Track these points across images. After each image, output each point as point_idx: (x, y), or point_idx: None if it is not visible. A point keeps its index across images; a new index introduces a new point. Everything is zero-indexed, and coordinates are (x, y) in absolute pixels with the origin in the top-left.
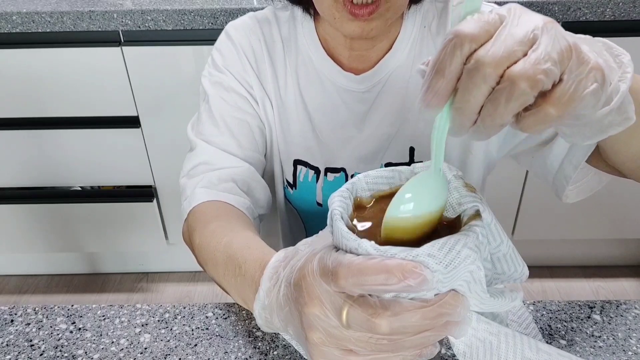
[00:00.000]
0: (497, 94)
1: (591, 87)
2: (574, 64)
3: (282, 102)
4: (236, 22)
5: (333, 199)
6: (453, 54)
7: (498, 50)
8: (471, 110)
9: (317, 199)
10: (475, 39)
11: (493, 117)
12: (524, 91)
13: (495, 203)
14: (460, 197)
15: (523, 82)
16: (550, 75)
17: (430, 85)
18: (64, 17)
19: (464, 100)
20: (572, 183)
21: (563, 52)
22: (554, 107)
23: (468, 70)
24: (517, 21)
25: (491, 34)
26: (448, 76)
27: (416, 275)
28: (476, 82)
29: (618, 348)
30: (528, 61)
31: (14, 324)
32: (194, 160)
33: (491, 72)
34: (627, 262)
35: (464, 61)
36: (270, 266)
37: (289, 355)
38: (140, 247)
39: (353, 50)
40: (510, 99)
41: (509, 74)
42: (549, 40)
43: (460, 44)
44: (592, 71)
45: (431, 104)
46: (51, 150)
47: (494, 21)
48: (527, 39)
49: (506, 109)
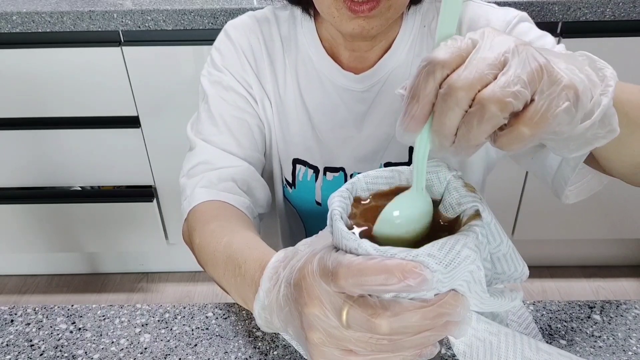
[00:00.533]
0: (470, 116)
1: (563, 105)
2: (545, 84)
3: (281, 101)
4: (235, 21)
5: (333, 199)
6: (427, 80)
7: (469, 75)
8: (448, 132)
9: (316, 198)
10: (447, 65)
11: (467, 139)
12: (494, 114)
13: (495, 203)
14: (459, 197)
15: (492, 105)
16: (519, 97)
17: (407, 110)
18: (64, 17)
19: (440, 123)
20: (572, 184)
21: (533, 73)
22: (527, 127)
23: (442, 95)
24: (490, 44)
25: (464, 59)
26: (422, 101)
27: (416, 275)
28: (450, 105)
29: (618, 348)
30: (497, 84)
31: (14, 324)
32: (193, 159)
33: (463, 95)
34: (627, 262)
35: (438, 86)
36: (270, 266)
37: (289, 355)
38: (140, 247)
39: (353, 50)
40: (481, 121)
41: (479, 97)
42: (519, 62)
43: (433, 70)
44: (564, 90)
45: (409, 128)
46: (51, 150)
47: (467, 46)
48: (497, 62)
49: (479, 130)
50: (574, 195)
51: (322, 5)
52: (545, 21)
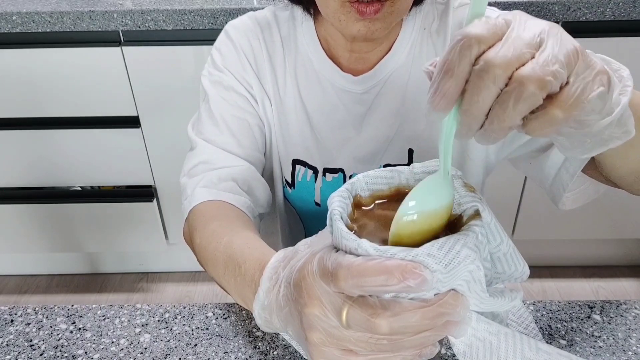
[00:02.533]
0: (506, 95)
1: (597, 90)
2: (581, 67)
3: (281, 101)
4: (235, 21)
5: (332, 199)
6: (462, 55)
7: (507, 52)
8: (479, 112)
9: (316, 199)
10: (484, 41)
11: (501, 120)
12: (532, 93)
13: (495, 203)
14: (459, 197)
15: (532, 84)
16: (558, 77)
17: (438, 87)
18: (64, 17)
19: (472, 102)
20: (569, 190)
21: (570, 54)
22: (561, 110)
23: (477, 71)
24: (524, 25)
25: (499, 37)
26: (457, 77)
27: (416, 276)
28: (485, 83)
29: (618, 348)
30: (536, 63)
31: (14, 324)
32: (194, 159)
33: (500, 73)
34: (627, 262)
35: (473, 62)
36: (270, 266)
37: (289, 355)
38: (140, 247)
39: (353, 51)
40: (518, 100)
41: (518, 75)
42: (556, 43)
43: (469, 45)
44: (598, 75)
45: (439, 107)
46: (51, 150)
47: (501, 25)
48: (534, 42)
49: (515, 110)
50: (570, 202)
51: (327, 9)
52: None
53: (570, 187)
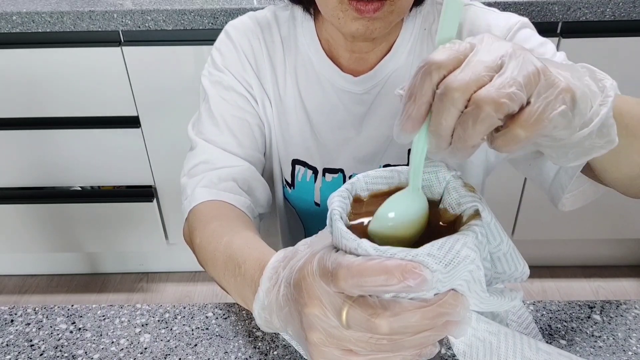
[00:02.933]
0: (465, 117)
1: (559, 108)
2: (542, 87)
3: (281, 101)
4: (235, 21)
5: (332, 199)
6: (423, 80)
7: (465, 76)
8: (444, 132)
9: (315, 199)
10: (444, 66)
11: (463, 139)
12: (488, 114)
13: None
14: (459, 197)
15: (487, 106)
16: (515, 99)
17: (404, 110)
18: (64, 17)
19: (437, 124)
20: (569, 192)
21: (530, 76)
22: (522, 129)
23: (439, 95)
24: (488, 48)
25: (461, 62)
26: (419, 101)
27: (416, 276)
28: (446, 105)
29: (618, 348)
30: (493, 85)
31: (14, 324)
32: (194, 159)
33: (459, 96)
34: (627, 262)
35: (435, 87)
36: (270, 266)
37: (289, 355)
38: (140, 247)
39: (353, 51)
40: (476, 121)
41: (475, 98)
42: (516, 65)
43: (430, 71)
44: (561, 93)
45: (406, 128)
46: (51, 150)
47: (465, 49)
48: (494, 65)
49: (474, 131)
50: (570, 203)
51: (326, 7)
52: (545, 21)
53: (569, 188)
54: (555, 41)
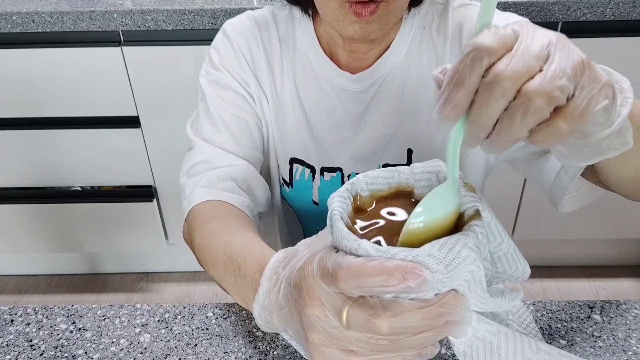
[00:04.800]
0: (514, 109)
1: (602, 103)
2: (587, 80)
3: (278, 100)
4: (233, 20)
5: (332, 199)
6: (473, 67)
7: (516, 66)
8: (487, 123)
9: (314, 198)
10: (494, 52)
11: (509, 132)
12: (540, 107)
13: (496, 203)
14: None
15: (540, 99)
16: (565, 91)
17: (448, 97)
18: (64, 17)
19: (480, 113)
20: (568, 193)
21: (577, 67)
22: (566, 122)
23: (486, 83)
24: (532, 37)
25: (508, 48)
26: (467, 88)
27: (416, 276)
28: (494, 95)
29: (618, 348)
30: (544, 77)
31: (14, 324)
32: (193, 159)
33: (509, 86)
34: (627, 262)
35: (483, 74)
36: (270, 267)
37: (289, 355)
38: (140, 247)
39: (351, 51)
40: (526, 114)
41: (526, 89)
42: (563, 55)
43: (480, 57)
44: (604, 87)
45: (449, 116)
46: (51, 150)
47: (510, 36)
48: (542, 54)
49: (522, 123)
50: (569, 204)
51: (326, 9)
52: (545, 21)
53: (569, 189)
54: None
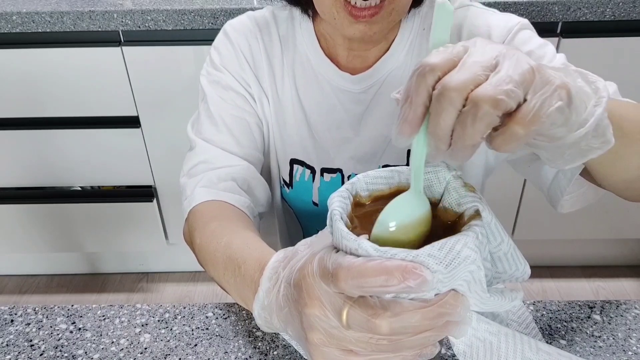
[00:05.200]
0: (463, 116)
1: (556, 104)
2: (538, 85)
3: (279, 101)
4: (234, 21)
5: (333, 199)
6: (418, 83)
7: (462, 75)
8: (443, 133)
9: (314, 198)
10: (439, 68)
11: (463, 139)
12: (487, 112)
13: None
14: (459, 197)
15: (485, 104)
16: (512, 96)
17: (401, 114)
18: (64, 17)
19: (435, 125)
20: (567, 194)
21: (525, 73)
22: (520, 126)
23: (436, 96)
24: (481, 50)
25: (455, 63)
26: (415, 104)
27: (416, 276)
28: (443, 106)
29: (618, 348)
30: (489, 83)
31: (14, 324)
32: (193, 159)
33: (456, 95)
34: (627, 262)
35: (431, 89)
36: (270, 266)
37: (289, 355)
38: (140, 247)
39: (351, 50)
40: (475, 119)
41: (472, 96)
42: (511, 64)
43: (424, 73)
44: (557, 90)
45: (403, 132)
46: (51, 150)
47: (458, 52)
48: (490, 64)
49: (474, 129)
50: (569, 205)
51: (322, 7)
52: (545, 21)
53: (568, 190)
54: (555, 41)
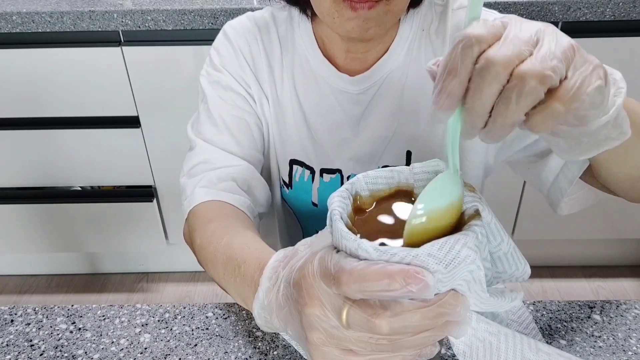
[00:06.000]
0: (508, 92)
1: (596, 83)
2: (578, 62)
3: (278, 102)
4: (233, 22)
5: (332, 199)
6: (464, 55)
7: (507, 50)
8: (483, 109)
9: (313, 199)
10: (484, 40)
11: (505, 116)
12: (534, 87)
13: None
14: None
15: (532, 79)
16: (557, 72)
17: (442, 87)
18: (64, 17)
19: (475, 100)
20: (567, 196)
21: (566, 50)
22: (561, 103)
23: (479, 70)
24: (520, 26)
25: (498, 37)
26: (460, 76)
27: (418, 281)
28: (487, 80)
29: (618, 348)
30: (535, 59)
31: (14, 324)
32: (193, 159)
33: (501, 70)
34: (627, 262)
35: (474, 62)
36: (270, 266)
37: (289, 355)
38: (140, 247)
39: (349, 52)
40: (520, 95)
41: (519, 71)
42: (552, 40)
43: (470, 45)
44: (596, 69)
45: (444, 106)
46: (51, 150)
47: (498, 26)
48: (531, 40)
49: (517, 106)
50: (568, 207)
51: (321, 7)
52: (545, 21)
53: (568, 192)
54: None
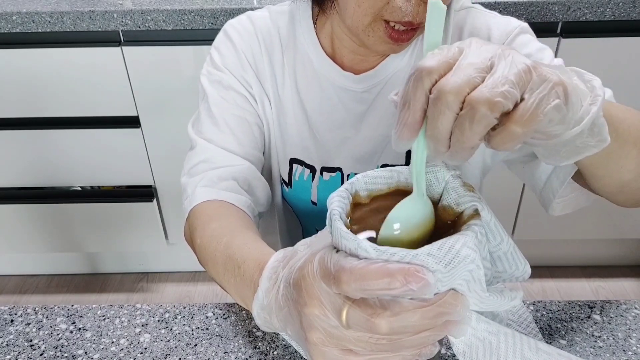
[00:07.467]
0: (461, 119)
1: (553, 102)
2: (535, 83)
3: (280, 101)
4: (234, 21)
5: (332, 199)
6: (415, 87)
7: (457, 79)
8: (442, 136)
9: (312, 197)
10: (435, 71)
11: (462, 142)
12: (484, 114)
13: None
14: (458, 197)
15: (482, 106)
16: (508, 97)
17: (399, 118)
18: (64, 17)
19: (433, 128)
20: (559, 197)
21: (521, 73)
22: (518, 125)
23: (433, 99)
24: (476, 51)
25: (451, 66)
26: (413, 108)
27: (418, 279)
28: (441, 109)
29: (618, 348)
30: (485, 86)
31: (14, 324)
32: (194, 158)
33: (453, 98)
34: (627, 262)
35: (428, 92)
36: (269, 266)
37: (289, 355)
38: (140, 247)
39: (358, 53)
40: (472, 122)
41: (469, 99)
42: (506, 64)
43: (421, 77)
44: (554, 87)
45: (403, 136)
46: (51, 150)
47: (454, 54)
48: (484, 66)
49: (472, 132)
50: (560, 208)
51: (357, 23)
52: (545, 21)
53: (560, 193)
54: (555, 41)
